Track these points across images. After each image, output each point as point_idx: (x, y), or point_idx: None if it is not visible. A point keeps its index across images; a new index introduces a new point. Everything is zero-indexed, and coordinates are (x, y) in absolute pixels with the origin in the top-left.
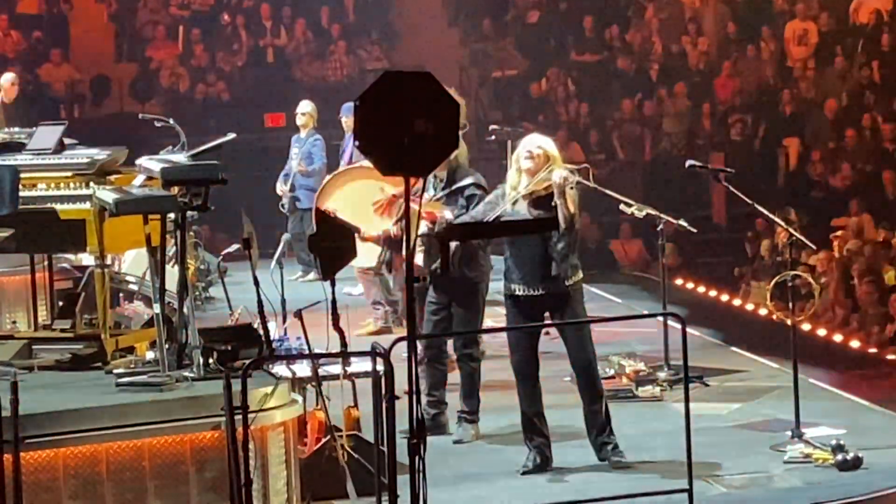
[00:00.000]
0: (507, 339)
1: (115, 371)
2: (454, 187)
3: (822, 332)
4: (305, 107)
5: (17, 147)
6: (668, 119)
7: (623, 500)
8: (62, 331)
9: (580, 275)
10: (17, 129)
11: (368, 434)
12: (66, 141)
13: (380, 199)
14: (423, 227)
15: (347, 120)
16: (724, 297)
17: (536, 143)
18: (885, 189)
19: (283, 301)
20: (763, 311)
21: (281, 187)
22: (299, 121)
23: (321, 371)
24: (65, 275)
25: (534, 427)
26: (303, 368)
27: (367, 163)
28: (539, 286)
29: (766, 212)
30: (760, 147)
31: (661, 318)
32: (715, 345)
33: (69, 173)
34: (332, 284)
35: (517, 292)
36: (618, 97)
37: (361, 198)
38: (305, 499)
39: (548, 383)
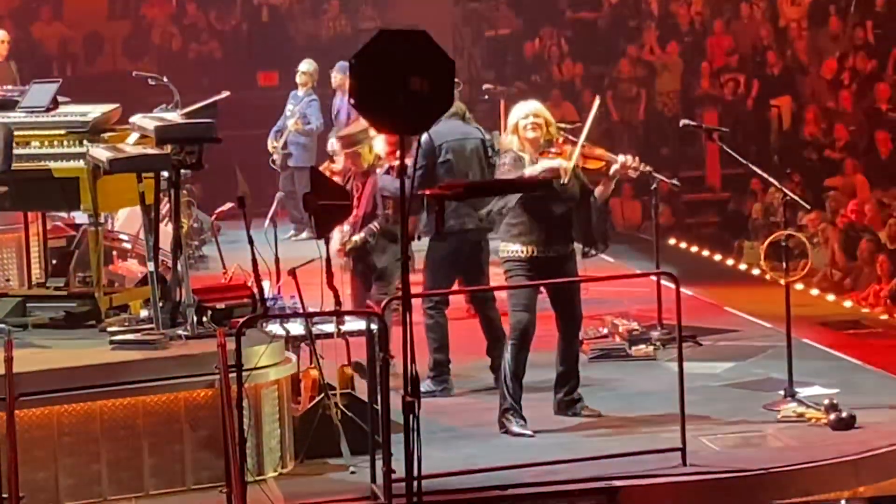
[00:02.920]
0: (515, 299)
1: (109, 329)
2: None
3: (815, 291)
4: (306, 66)
5: (10, 105)
6: (661, 79)
7: (616, 459)
8: (56, 289)
9: None
10: (9, 86)
11: (362, 393)
12: (60, 99)
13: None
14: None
15: (341, 77)
16: (718, 257)
17: (535, 111)
18: (878, 149)
19: (277, 259)
20: (756, 271)
21: (272, 143)
22: (299, 79)
23: (315, 329)
24: (58, 233)
25: (520, 388)
26: (297, 327)
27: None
28: (553, 248)
29: (760, 171)
30: (753, 107)
31: (654, 278)
32: (708, 304)
33: (63, 131)
34: (327, 243)
35: (530, 254)
36: (611, 56)
37: None
38: (299, 457)
39: (543, 341)
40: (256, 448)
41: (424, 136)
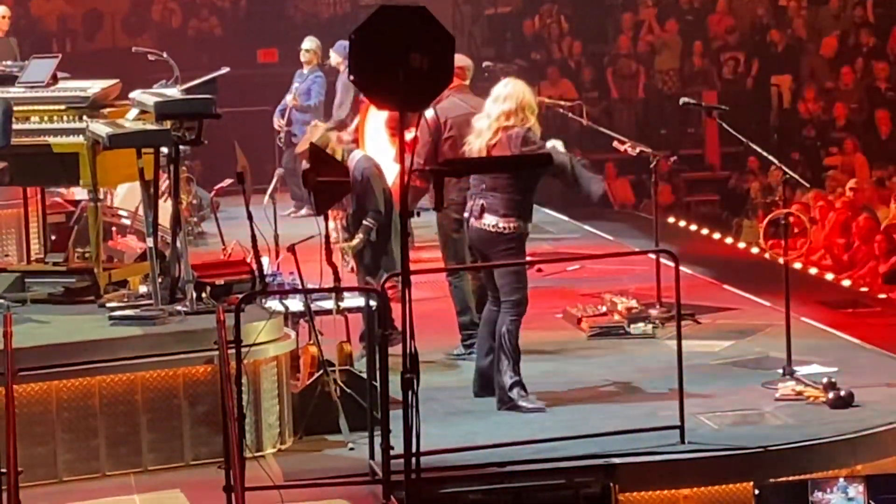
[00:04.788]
0: (519, 277)
1: (108, 305)
2: None
3: (813, 270)
4: (309, 43)
5: (9, 80)
6: (660, 57)
7: (614, 437)
8: (55, 264)
9: None
10: (9, 62)
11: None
12: (59, 74)
13: None
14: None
15: (337, 59)
16: (716, 236)
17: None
18: (877, 128)
19: (277, 236)
20: (755, 250)
21: (278, 121)
22: (303, 57)
23: (314, 306)
24: (57, 208)
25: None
26: (296, 303)
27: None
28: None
29: (759, 150)
30: (753, 85)
31: (653, 256)
32: (707, 282)
33: (62, 106)
34: (326, 219)
35: (524, 229)
36: (611, 34)
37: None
38: (297, 433)
39: (541, 319)
40: (255, 424)
41: (430, 113)
